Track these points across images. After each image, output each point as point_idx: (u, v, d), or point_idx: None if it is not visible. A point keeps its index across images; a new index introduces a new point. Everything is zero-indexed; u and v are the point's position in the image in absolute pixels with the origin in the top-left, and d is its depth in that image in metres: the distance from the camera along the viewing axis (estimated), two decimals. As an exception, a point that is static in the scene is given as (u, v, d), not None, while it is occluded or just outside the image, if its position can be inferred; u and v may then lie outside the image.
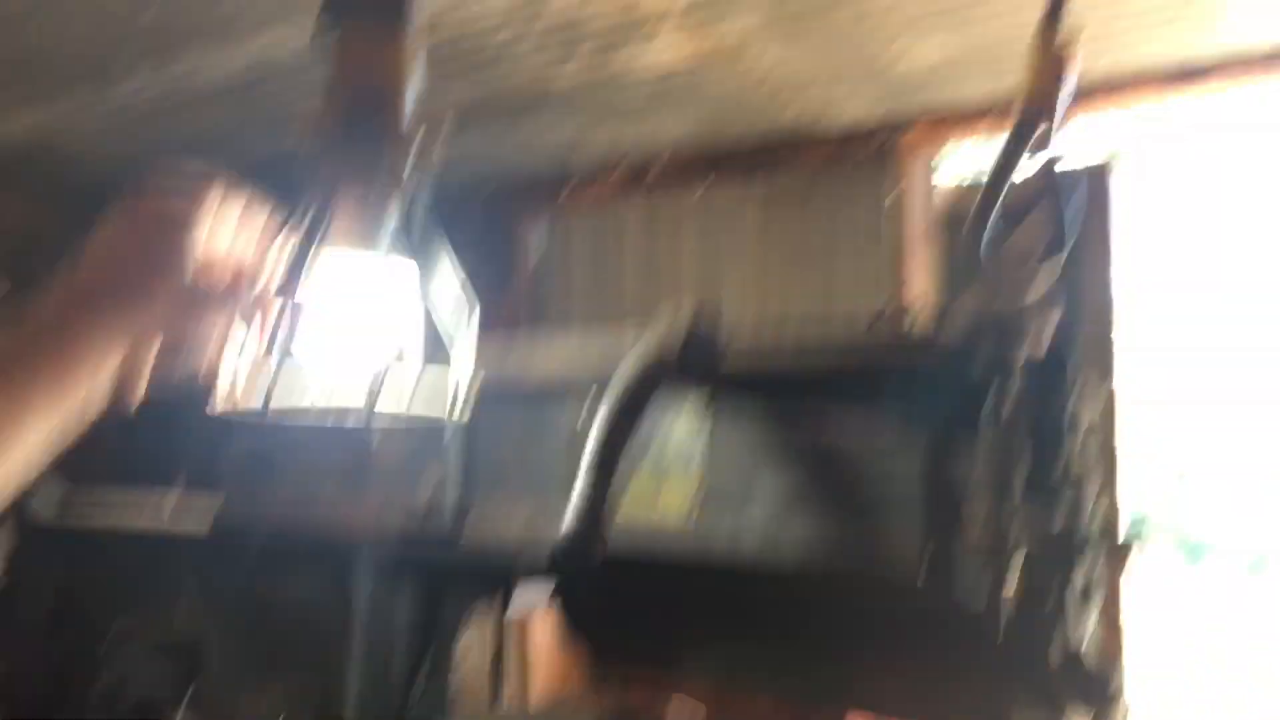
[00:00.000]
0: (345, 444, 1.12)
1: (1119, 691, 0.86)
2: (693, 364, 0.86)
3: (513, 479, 1.05)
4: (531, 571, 1.01)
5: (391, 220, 0.74)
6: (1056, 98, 0.92)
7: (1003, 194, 0.95)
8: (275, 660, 1.18)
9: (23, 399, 0.63)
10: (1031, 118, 0.93)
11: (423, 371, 0.73)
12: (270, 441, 1.20)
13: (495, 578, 1.07)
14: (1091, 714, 0.86)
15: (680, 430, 0.88)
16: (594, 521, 0.81)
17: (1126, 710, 0.87)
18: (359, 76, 0.74)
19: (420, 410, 0.72)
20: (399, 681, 1.15)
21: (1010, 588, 0.81)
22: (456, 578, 1.13)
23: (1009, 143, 0.95)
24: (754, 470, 0.89)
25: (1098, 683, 0.86)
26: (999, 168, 0.95)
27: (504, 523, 1.04)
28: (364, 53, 0.74)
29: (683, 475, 0.90)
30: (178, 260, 0.68)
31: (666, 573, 0.94)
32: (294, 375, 0.71)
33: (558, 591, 1.08)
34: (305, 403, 0.71)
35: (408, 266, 0.74)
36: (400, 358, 0.73)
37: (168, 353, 0.67)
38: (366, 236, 0.73)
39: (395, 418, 0.72)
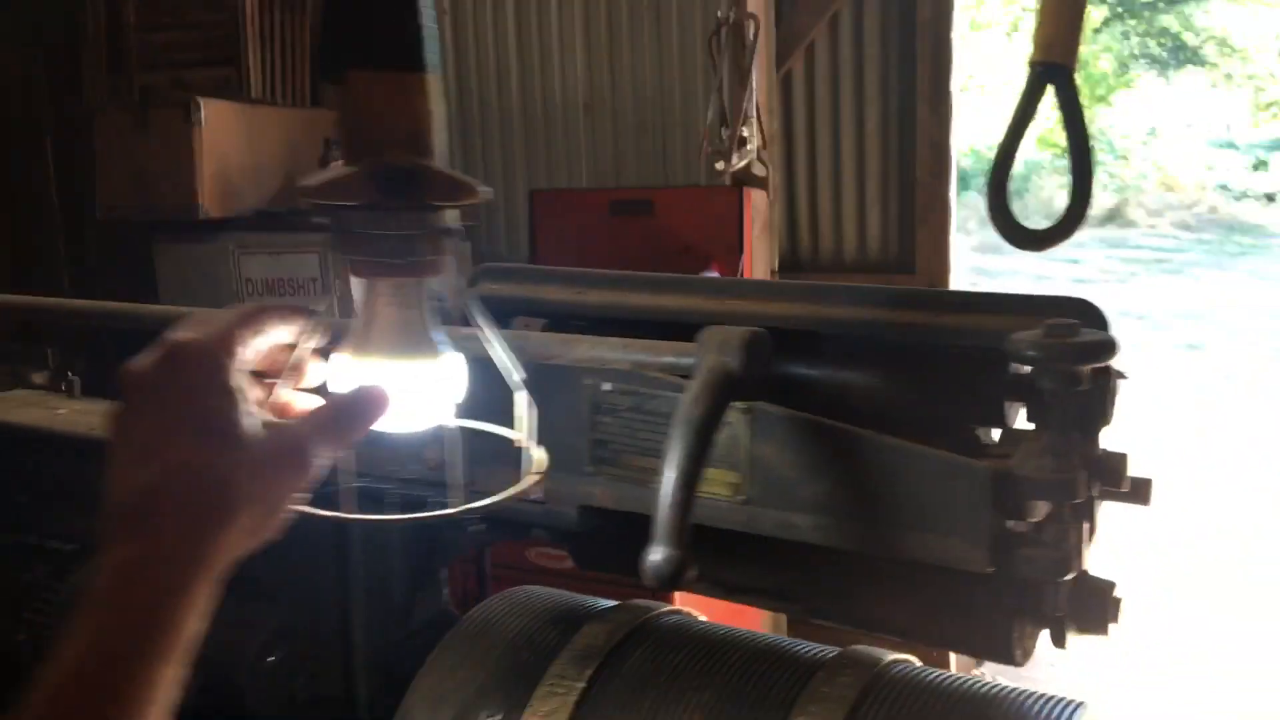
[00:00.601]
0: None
1: (1116, 610, 0.89)
2: (753, 378, 0.85)
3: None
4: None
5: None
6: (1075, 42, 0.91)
7: (1018, 150, 0.95)
8: (258, 592, 1.17)
9: (147, 681, 0.58)
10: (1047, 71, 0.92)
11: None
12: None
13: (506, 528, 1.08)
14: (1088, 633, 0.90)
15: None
16: (682, 541, 0.79)
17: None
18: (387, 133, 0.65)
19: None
20: (399, 603, 1.15)
21: (1019, 516, 0.82)
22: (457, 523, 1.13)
23: (1024, 99, 0.95)
24: (800, 458, 0.89)
25: (1095, 604, 0.89)
26: (1015, 125, 0.95)
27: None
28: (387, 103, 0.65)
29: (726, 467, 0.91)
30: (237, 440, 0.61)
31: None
32: None
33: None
34: None
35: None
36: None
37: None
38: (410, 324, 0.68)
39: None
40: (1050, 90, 0.92)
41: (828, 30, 3.71)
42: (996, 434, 0.96)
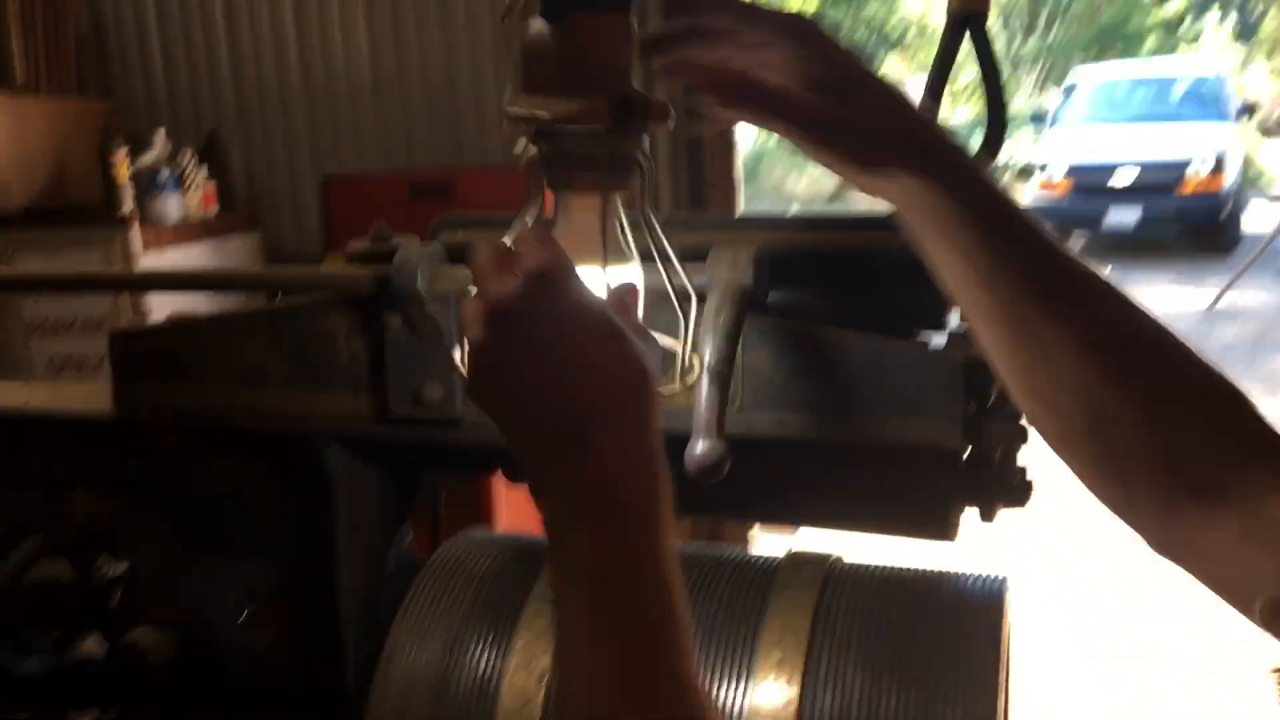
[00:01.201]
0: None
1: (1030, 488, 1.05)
2: (761, 291, 0.95)
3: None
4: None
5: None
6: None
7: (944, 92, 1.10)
8: (222, 549, 1.18)
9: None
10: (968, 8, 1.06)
11: None
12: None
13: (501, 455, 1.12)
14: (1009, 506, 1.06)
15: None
16: (722, 434, 0.86)
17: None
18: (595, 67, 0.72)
19: None
20: (376, 549, 1.18)
21: (985, 396, 0.96)
22: (443, 457, 1.17)
23: (945, 43, 1.08)
24: (788, 363, 0.99)
25: (1016, 483, 1.04)
26: (939, 67, 1.09)
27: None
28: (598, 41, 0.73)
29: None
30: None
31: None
32: None
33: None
34: None
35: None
36: None
37: None
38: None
39: None
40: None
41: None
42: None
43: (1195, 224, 11.10)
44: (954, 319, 1.09)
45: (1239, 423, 0.69)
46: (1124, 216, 10.88)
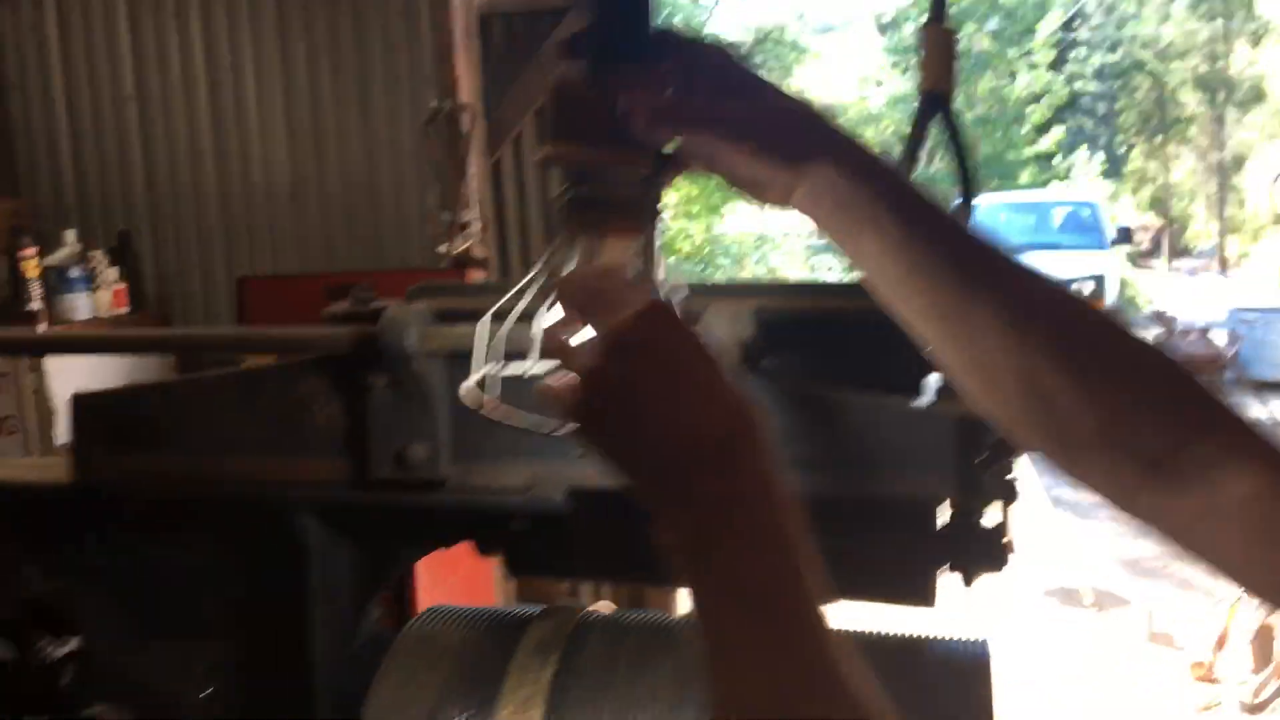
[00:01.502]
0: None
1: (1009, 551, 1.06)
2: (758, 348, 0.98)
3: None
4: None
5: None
6: (952, 74, 1.12)
7: (915, 169, 1.15)
8: (186, 624, 1.12)
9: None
10: None
11: None
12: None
13: (482, 522, 1.10)
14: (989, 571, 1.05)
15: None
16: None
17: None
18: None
19: None
20: (347, 629, 1.14)
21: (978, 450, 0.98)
22: (421, 526, 1.14)
23: (917, 121, 1.14)
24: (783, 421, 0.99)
25: (997, 547, 1.05)
26: (912, 143, 1.14)
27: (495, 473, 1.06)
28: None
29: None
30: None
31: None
32: None
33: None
34: None
35: None
36: None
37: None
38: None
39: None
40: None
41: (534, 122, 3.91)
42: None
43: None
44: (932, 382, 1.12)
45: (1182, 397, 0.67)
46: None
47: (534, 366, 0.80)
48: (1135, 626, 4.69)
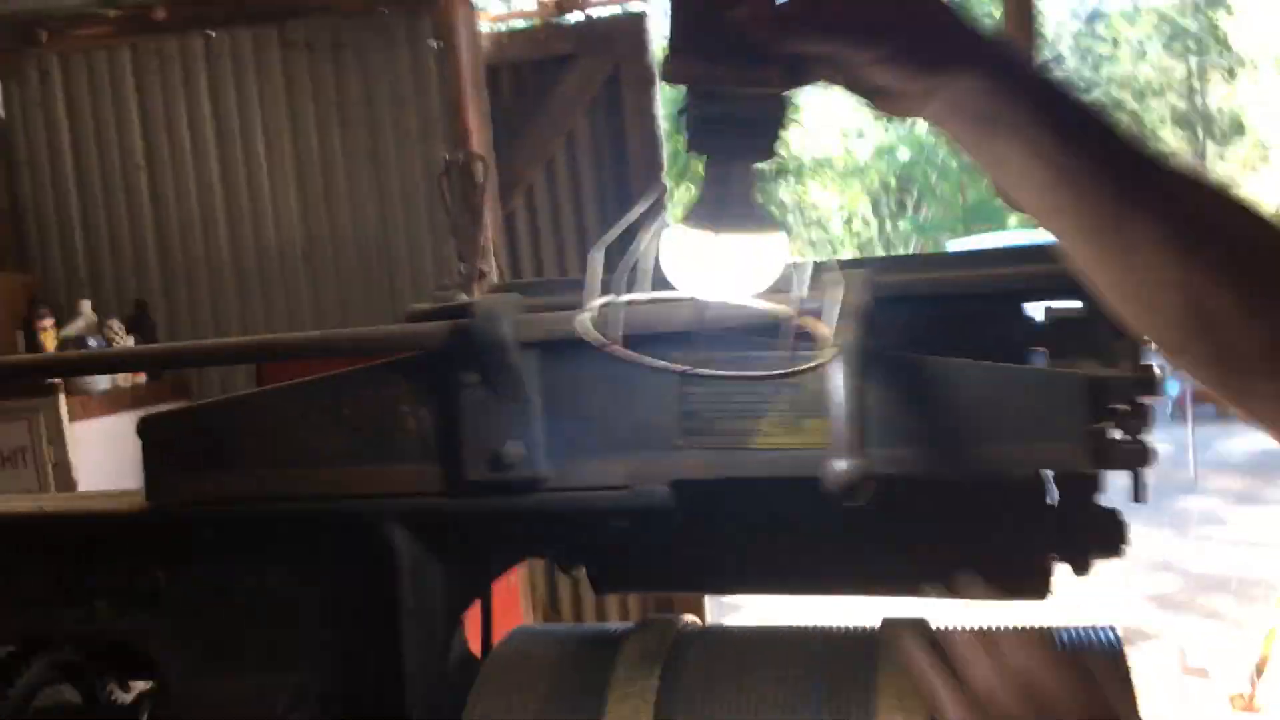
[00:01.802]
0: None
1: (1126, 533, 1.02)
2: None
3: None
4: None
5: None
6: None
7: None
8: (268, 651, 1.06)
9: None
10: None
11: None
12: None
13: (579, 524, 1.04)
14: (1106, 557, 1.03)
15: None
16: (862, 450, 0.83)
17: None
18: None
19: None
20: (440, 647, 1.07)
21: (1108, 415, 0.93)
22: (515, 531, 1.08)
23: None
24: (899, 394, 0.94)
25: (1115, 527, 1.01)
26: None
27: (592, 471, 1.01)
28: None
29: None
30: None
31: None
32: None
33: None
34: None
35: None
36: None
37: None
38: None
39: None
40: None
41: (545, 172, 3.90)
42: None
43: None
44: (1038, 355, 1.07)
45: None
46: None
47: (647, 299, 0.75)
48: (1168, 660, 4.60)
